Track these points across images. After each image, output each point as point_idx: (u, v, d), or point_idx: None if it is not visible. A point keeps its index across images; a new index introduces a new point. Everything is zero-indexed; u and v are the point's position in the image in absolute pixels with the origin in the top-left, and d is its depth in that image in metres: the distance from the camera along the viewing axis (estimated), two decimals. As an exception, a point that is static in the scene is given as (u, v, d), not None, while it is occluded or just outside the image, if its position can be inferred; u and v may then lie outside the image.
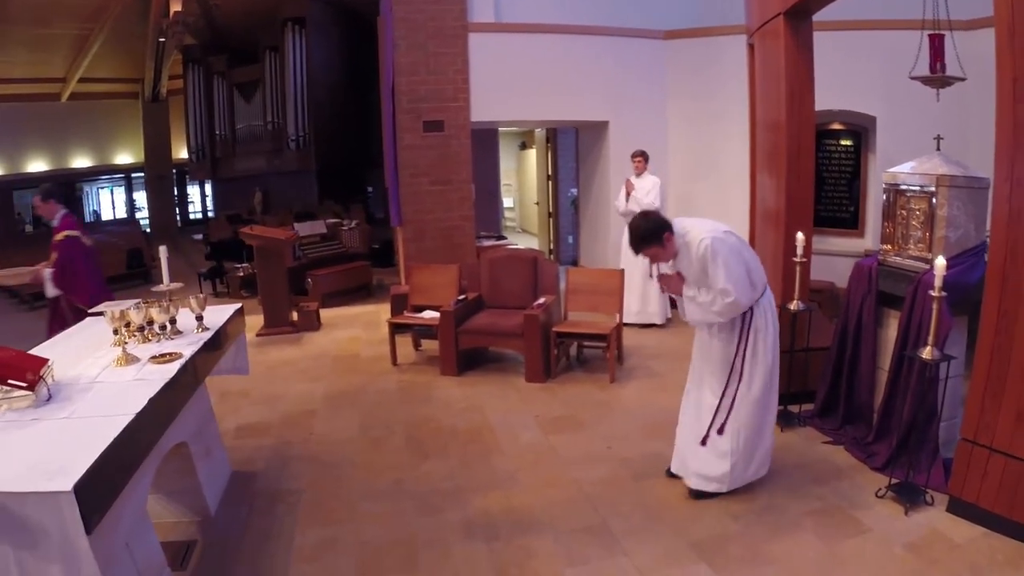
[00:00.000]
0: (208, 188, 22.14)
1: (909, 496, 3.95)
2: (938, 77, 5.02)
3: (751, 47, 6.34)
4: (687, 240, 3.80)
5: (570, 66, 8.67)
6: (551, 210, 12.19)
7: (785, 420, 5.03)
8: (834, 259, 7.29)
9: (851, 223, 8.09)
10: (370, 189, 16.35)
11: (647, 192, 7.65)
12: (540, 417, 5.33)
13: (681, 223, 3.88)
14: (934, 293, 3.79)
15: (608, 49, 8.78)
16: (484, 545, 3.60)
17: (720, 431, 3.97)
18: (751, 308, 3.91)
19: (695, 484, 4.06)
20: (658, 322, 7.85)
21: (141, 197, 21.87)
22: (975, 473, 3.75)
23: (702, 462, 4.03)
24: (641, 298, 7.73)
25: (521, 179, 16.11)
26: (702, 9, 8.95)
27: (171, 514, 3.89)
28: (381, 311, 8.59)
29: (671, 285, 3.98)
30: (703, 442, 4.00)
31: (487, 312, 6.54)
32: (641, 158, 7.77)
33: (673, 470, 4.28)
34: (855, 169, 8.03)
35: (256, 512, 4.02)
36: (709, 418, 4.00)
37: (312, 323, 8.03)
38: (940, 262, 3.79)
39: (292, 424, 5.31)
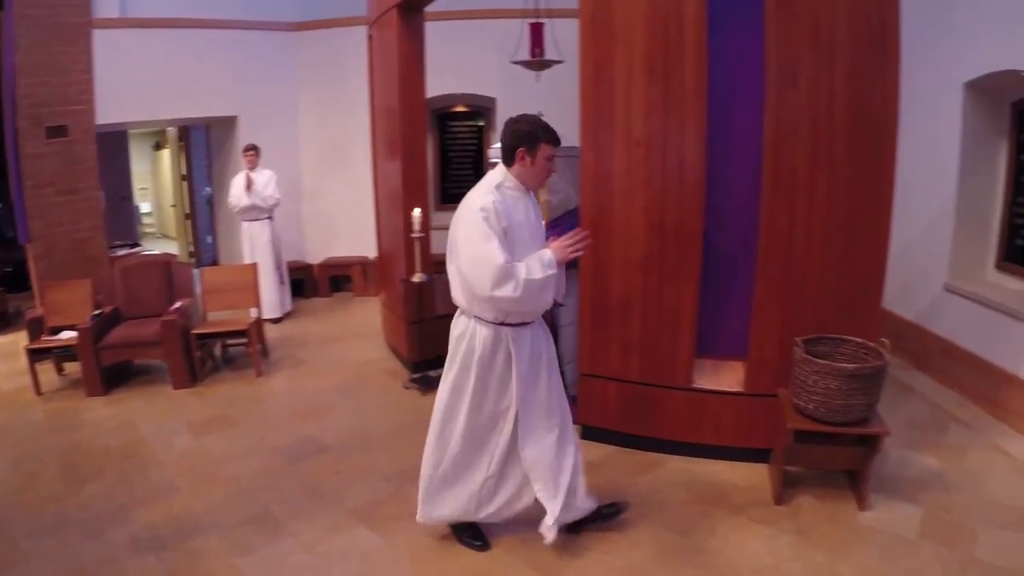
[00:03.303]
0: None
1: (548, 431, 4.23)
2: (536, 61, 5.39)
3: (371, 38, 6.27)
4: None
5: (198, 61, 7.82)
6: (188, 211, 11.09)
7: (424, 384, 5.24)
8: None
9: (478, 198, 8.47)
10: (-1, 205, 13.56)
11: (266, 184, 7.29)
12: (191, 422, 5.03)
13: None
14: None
15: (236, 42, 8.06)
16: (154, 556, 3.37)
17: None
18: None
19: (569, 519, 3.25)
20: (276, 315, 7.44)
21: None
22: (597, 401, 4.15)
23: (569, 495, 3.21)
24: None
25: (157, 181, 14.29)
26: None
27: None
28: (19, 340, 7.23)
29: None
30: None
31: (125, 324, 5.84)
32: (253, 152, 7.31)
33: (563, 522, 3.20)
34: (480, 147, 8.46)
35: (-87, 582, 3.20)
36: (558, 441, 3.20)
37: (-56, 364, 6.49)
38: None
39: (-62, 476, 4.28)
